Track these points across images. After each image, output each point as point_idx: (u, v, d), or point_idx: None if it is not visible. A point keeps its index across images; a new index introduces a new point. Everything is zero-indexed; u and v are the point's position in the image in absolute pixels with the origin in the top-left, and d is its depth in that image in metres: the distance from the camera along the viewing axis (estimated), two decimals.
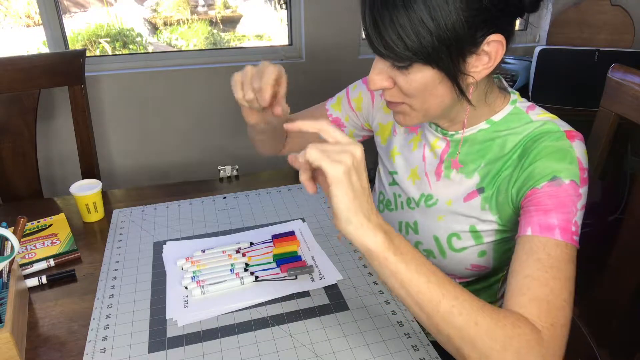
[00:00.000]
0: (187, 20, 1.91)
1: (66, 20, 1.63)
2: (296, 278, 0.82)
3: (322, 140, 0.55)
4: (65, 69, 1.24)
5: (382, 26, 0.58)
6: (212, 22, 1.94)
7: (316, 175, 0.57)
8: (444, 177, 0.76)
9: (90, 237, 0.99)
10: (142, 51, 1.87)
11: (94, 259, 0.91)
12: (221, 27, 1.95)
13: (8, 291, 0.71)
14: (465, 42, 0.58)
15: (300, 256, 0.88)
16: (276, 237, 0.93)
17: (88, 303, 0.79)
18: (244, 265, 0.85)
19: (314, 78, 1.81)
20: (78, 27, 1.78)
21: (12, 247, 0.72)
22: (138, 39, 1.88)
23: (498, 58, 0.61)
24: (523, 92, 1.63)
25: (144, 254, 0.91)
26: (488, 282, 0.83)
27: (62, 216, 1.05)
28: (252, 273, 0.83)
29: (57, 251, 0.92)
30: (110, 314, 0.76)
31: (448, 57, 0.59)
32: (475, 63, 0.61)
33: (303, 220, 1.01)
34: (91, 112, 1.38)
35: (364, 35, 0.62)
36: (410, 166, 0.81)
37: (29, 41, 1.76)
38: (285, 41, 1.84)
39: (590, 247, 0.63)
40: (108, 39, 1.83)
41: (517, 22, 0.65)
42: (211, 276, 0.82)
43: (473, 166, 0.73)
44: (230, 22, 1.96)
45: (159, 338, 0.71)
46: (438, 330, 0.55)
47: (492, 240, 0.74)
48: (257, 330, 0.72)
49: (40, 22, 1.58)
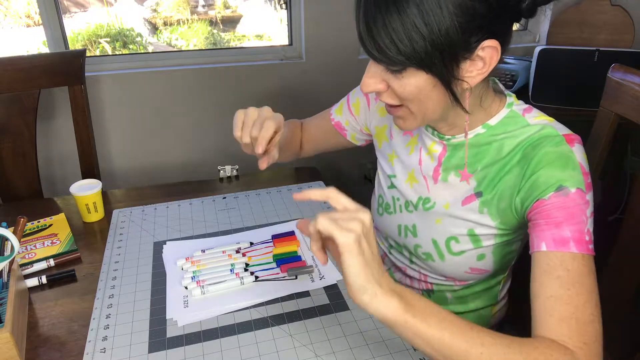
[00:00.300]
0: (187, 20, 1.90)
1: (66, 20, 1.63)
2: (296, 278, 0.82)
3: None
4: (65, 69, 1.24)
5: (375, 30, 0.58)
6: (212, 22, 1.94)
7: (326, 244, 0.57)
8: (441, 180, 0.76)
9: (90, 237, 0.99)
10: (142, 51, 1.87)
11: (94, 259, 0.91)
12: (221, 27, 1.95)
13: (8, 291, 0.71)
14: (458, 48, 0.58)
15: (300, 256, 0.88)
16: (276, 237, 0.93)
17: (88, 303, 0.79)
18: (244, 265, 0.85)
19: (314, 78, 1.81)
20: (78, 27, 1.78)
21: (12, 247, 0.72)
22: (138, 39, 1.88)
23: (493, 63, 0.60)
24: (523, 92, 1.64)
25: (144, 254, 0.91)
26: (488, 284, 0.83)
27: (62, 216, 1.05)
28: (252, 273, 0.83)
29: (57, 251, 0.92)
30: (110, 314, 0.76)
31: (441, 62, 0.58)
32: (469, 68, 0.60)
33: None
34: (91, 112, 1.38)
35: (358, 38, 0.62)
36: (407, 169, 0.81)
37: (29, 41, 1.76)
38: (285, 41, 1.84)
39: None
40: (108, 39, 1.82)
41: (517, 23, 0.65)
42: (211, 276, 0.82)
43: (470, 170, 0.73)
44: (230, 22, 1.95)
45: (159, 338, 0.71)
46: None
47: (492, 243, 0.74)
48: (257, 330, 0.72)
49: (40, 22, 1.58)
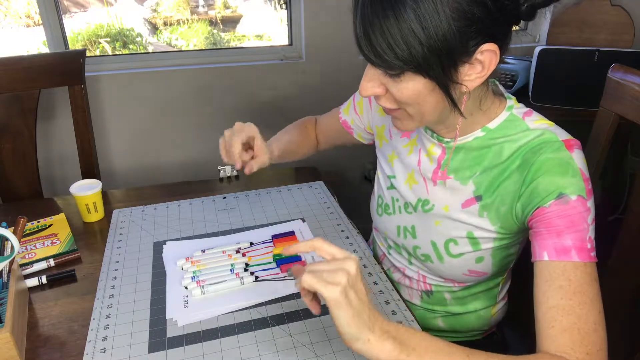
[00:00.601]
0: (187, 20, 1.90)
1: (66, 20, 1.63)
2: (296, 278, 0.82)
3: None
4: (65, 69, 1.24)
5: (373, 35, 0.57)
6: (212, 22, 1.94)
7: (319, 294, 0.57)
8: (440, 183, 0.75)
9: (90, 237, 0.99)
10: (142, 51, 1.87)
11: (94, 259, 0.91)
12: (221, 27, 1.95)
13: (8, 291, 0.71)
14: (456, 52, 0.57)
15: (300, 256, 0.88)
16: (276, 237, 0.93)
17: (88, 303, 0.79)
18: (244, 265, 0.85)
19: (314, 78, 1.81)
20: (78, 27, 1.78)
21: (12, 247, 0.72)
22: (138, 39, 1.88)
23: (492, 67, 0.60)
24: (523, 92, 1.64)
25: (144, 254, 0.91)
26: (487, 286, 0.83)
27: (62, 216, 1.05)
28: (252, 273, 0.83)
29: (57, 251, 0.92)
30: (110, 314, 0.76)
31: (439, 67, 0.57)
32: (468, 72, 0.60)
33: (303, 220, 1.01)
34: (91, 112, 1.38)
35: (355, 42, 0.61)
36: (407, 170, 0.81)
37: (29, 41, 1.75)
38: (285, 41, 1.84)
39: None
40: (108, 39, 1.82)
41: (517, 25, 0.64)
42: (211, 276, 0.82)
43: (468, 173, 0.72)
44: (230, 22, 1.95)
45: (159, 338, 0.71)
46: None
47: (490, 247, 0.73)
48: (257, 330, 0.72)
49: (40, 22, 1.58)
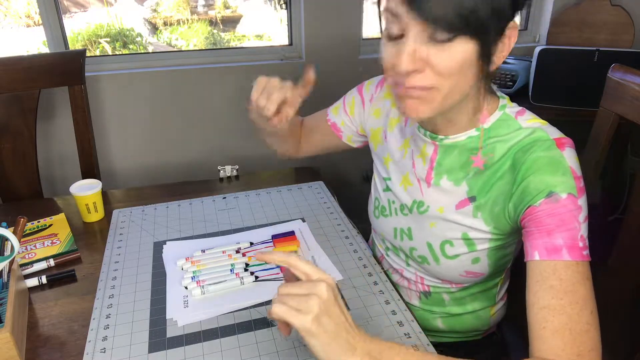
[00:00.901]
0: (187, 20, 1.90)
1: (66, 20, 1.63)
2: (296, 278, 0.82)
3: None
4: (65, 69, 1.24)
5: None
6: (212, 22, 1.94)
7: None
8: (434, 185, 0.75)
9: (90, 237, 0.99)
10: (142, 51, 1.87)
11: (94, 259, 0.91)
12: (221, 27, 1.95)
13: (8, 291, 0.71)
14: (506, 19, 0.57)
15: (297, 252, 0.88)
16: (276, 237, 0.93)
17: (88, 303, 0.79)
18: (244, 265, 0.85)
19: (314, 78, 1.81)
20: (78, 27, 1.78)
21: (12, 247, 0.72)
22: (138, 39, 1.88)
23: (512, 45, 0.60)
24: (523, 92, 1.64)
25: (144, 254, 0.91)
26: (486, 286, 0.82)
27: (62, 216, 1.05)
28: (252, 273, 0.83)
29: (57, 251, 0.92)
30: (110, 314, 0.76)
31: (494, 32, 0.57)
32: (500, 47, 0.60)
33: (303, 220, 1.01)
34: (91, 112, 1.38)
35: (406, 2, 0.56)
36: (401, 172, 0.81)
37: (29, 41, 1.76)
38: (285, 41, 1.84)
39: (590, 247, 0.62)
40: (108, 39, 1.82)
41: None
42: (211, 276, 0.82)
43: (462, 174, 0.72)
44: (230, 22, 1.95)
45: (159, 338, 0.71)
46: None
47: (486, 247, 0.73)
48: (257, 330, 0.72)
49: (40, 22, 1.57)
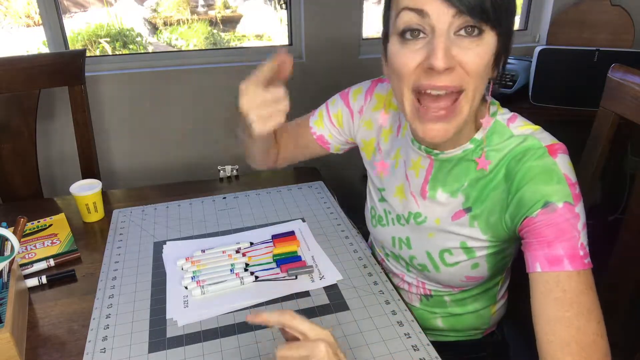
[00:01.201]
0: (187, 20, 1.90)
1: (66, 20, 1.63)
2: (296, 278, 0.82)
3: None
4: (65, 69, 1.24)
5: None
6: (212, 22, 1.94)
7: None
8: (430, 198, 0.74)
9: (90, 237, 0.99)
10: (142, 51, 1.87)
11: (94, 259, 0.91)
12: (221, 27, 1.95)
13: (8, 291, 0.71)
14: (514, 17, 0.59)
15: (300, 256, 0.88)
16: (276, 237, 0.93)
17: (88, 303, 0.79)
18: (244, 265, 0.85)
19: (314, 78, 1.81)
20: (78, 27, 1.78)
21: (12, 247, 0.72)
22: (138, 39, 1.88)
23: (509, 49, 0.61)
24: (523, 92, 1.63)
25: (144, 254, 0.91)
26: (486, 286, 0.82)
27: (62, 216, 1.05)
28: (252, 273, 0.83)
29: (57, 251, 0.92)
30: (110, 314, 0.76)
31: (512, 27, 0.58)
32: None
33: (303, 220, 1.01)
34: (91, 112, 1.38)
35: None
36: (395, 184, 0.80)
37: (29, 41, 1.76)
38: (285, 41, 1.84)
39: (590, 248, 0.62)
40: (108, 39, 1.82)
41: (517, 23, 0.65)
42: (211, 276, 0.82)
43: (457, 185, 0.71)
44: (230, 22, 1.96)
45: (159, 338, 0.71)
46: None
47: (485, 254, 0.73)
48: (257, 330, 0.72)
49: (40, 22, 1.58)
